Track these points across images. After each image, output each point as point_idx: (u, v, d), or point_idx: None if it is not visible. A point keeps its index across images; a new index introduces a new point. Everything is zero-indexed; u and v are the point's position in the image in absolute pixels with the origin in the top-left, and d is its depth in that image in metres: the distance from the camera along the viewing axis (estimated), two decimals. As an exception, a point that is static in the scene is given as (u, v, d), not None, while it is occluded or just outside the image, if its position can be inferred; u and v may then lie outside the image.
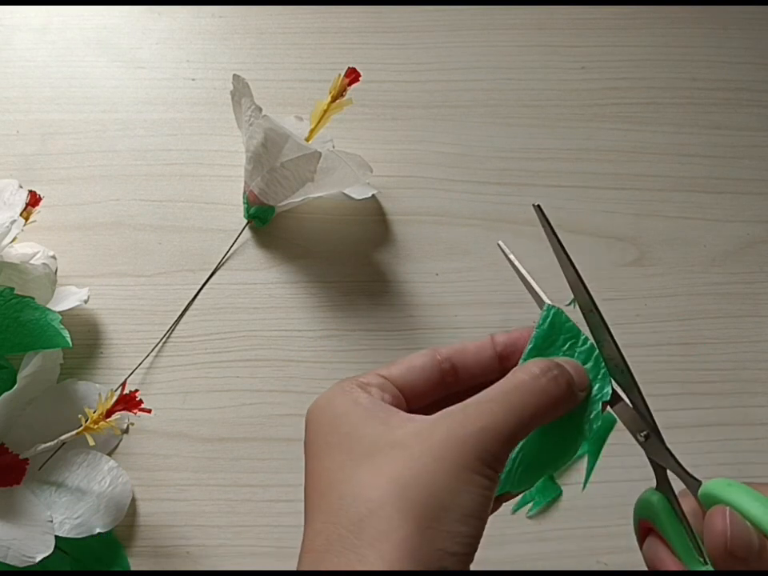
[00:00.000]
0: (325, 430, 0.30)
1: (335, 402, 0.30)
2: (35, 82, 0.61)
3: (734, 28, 0.66)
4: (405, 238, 0.58)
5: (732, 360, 0.56)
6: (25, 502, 0.46)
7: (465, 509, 0.27)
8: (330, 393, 0.31)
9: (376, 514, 0.26)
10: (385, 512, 0.26)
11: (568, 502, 0.52)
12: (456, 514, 0.27)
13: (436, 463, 0.27)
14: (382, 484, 0.27)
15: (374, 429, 0.29)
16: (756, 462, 0.53)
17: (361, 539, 0.26)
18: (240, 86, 0.52)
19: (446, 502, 0.27)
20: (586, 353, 0.33)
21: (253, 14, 0.64)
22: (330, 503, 0.28)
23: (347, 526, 0.27)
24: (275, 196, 0.54)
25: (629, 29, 0.66)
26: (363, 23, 0.65)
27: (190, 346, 0.54)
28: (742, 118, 0.63)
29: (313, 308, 0.55)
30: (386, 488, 0.27)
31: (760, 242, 0.59)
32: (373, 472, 0.28)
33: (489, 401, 0.29)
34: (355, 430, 0.29)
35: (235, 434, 0.52)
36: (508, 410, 0.29)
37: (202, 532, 0.50)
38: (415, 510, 0.26)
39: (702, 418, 0.54)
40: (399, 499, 0.27)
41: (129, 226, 0.57)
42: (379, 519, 0.26)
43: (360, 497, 0.27)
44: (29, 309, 0.48)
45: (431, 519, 0.26)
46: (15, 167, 0.58)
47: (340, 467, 0.28)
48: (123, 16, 0.64)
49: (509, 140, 0.61)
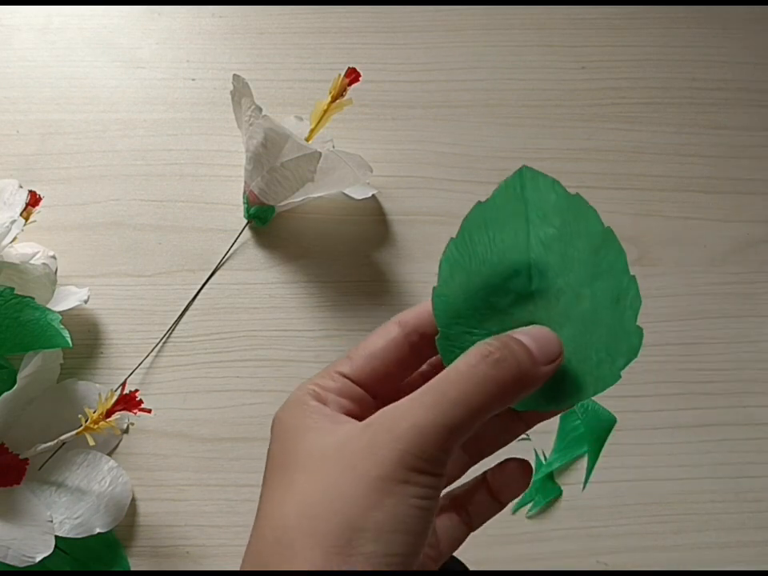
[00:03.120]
0: (275, 445, 0.28)
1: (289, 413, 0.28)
2: (35, 82, 0.61)
3: (734, 28, 0.66)
4: (405, 238, 0.58)
5: (732, 360, 0.56)
6: (25, 501, 0.46)
7: (383, 525, 0.24)
8: (286, 404, 0.29)
9: (280, 542, 0.25)
10: (289, 538, 0.24)
11: (568, 501, 0.52)
12: (370, 533, 0.24)
13: (349, 476, 0.25)
14: (291, 507, 0.25)
15: (309, 443, 0.27)
16: (756, 462, 0.53)
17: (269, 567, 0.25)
18: (240, 85, 0.52)
19: (358, 520, 0.24)
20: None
21: (253, 14, 0.64)
22: (254, 530, 0.26)
23: (262, 552, 0.25)
24: (275, 196, 0.54)
25: (628, 29, 0.66)
26: (363, 23, 0.64)
27: (190, 346, 0.54)
28: (742, 117, 0.63)
29: (313, 308, 0.55)
30: (293, 511, 0.25)
31: (760, 242, 0.59)
32: (286, 493, 0.26)
33: (422, 394, 0.26)
34: (295, 445, 0.27)
35: (235, 433, 0.52)
36: (441, 404, 0.25)
37: (202, 532, 0.50)
38: (320, 533, 0.24)
39: (702, 417, 0.54)
40: (307, 524, 0.24)
41: (129, 225, 0.57)
42: (284, 547, 0.24)
43: (269, 523, 0.26)
44: (29, 309, 0.48)
45: (340, 543, 0.24)
46: (15, 167, 0.58)
47: (269, 489, 0.27)
48: (123, 16, 0.64)
49: (508, 140, 0.61)
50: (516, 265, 0.29)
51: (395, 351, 0.29)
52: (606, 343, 0.28)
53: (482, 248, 0.29)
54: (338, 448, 0.26)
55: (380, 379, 0.29)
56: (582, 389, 0.28)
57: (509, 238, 0.29)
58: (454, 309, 0.29)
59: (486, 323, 0.29)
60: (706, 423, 0.54)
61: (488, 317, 0.29)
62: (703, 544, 0.51)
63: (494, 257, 0.29)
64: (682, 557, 0.51)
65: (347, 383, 0.29)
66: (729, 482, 0.53)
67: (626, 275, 0.29)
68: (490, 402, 0.26)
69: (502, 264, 0.29)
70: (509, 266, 0.29)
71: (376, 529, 0.24)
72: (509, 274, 0.29)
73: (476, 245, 0.29)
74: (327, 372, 0.29)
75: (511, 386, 0.26)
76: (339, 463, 0.25)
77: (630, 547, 0.51)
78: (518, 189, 0.30)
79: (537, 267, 0.29)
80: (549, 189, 0.30)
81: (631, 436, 0.53)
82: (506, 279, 0.29)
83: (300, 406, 0.28)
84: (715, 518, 0.52)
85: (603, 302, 0.29)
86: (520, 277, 0.29)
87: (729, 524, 0.52)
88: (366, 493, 0.24)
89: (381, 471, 0.25)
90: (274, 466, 0.27)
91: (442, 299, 0.29)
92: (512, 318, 0.29)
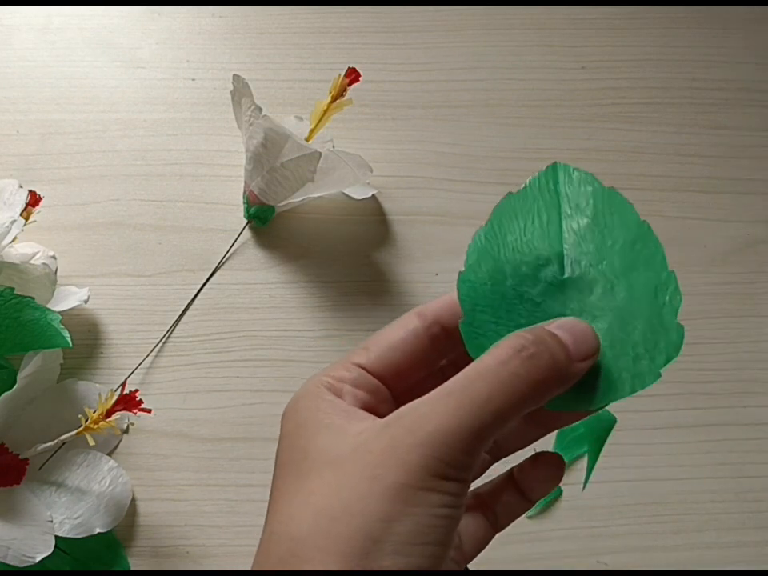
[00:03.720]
0: (285, 445, 0.26)
1: (300, 406, 0.27)
2: (35, 82, 0.61)
3: (734, 28, 0.66)
4: (405, 238, 0.58)
5: (732, 360, 0.56)
6: (25, 501, 0.46)
7: (405, 536, 0.23)
8: (297, 395, 0.27)
9: (297, 555, 0.23)
10: (305, 552, 0.23)
11: (568, 501, 0.52)
12: (391, 545, 0.22)
13: (370, 485, 0.23)
14: (308, 518, 0.24)
15: (323, 442, 0.25)
16: (757, 462, 0.53)
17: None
18: (240, 85, 0.52)
19: (378, 532, 0.23)
20: None
21: (253, 14, 0.64)
22: (264, 538, 0.25)
23: (275, 564, 0.24)
24: (275, 196, 0.54)
25: (628, 29, 0.66)
26: (363, 23, 0.64)
27: (190, 346, 0.54)
28: (742, 117, 0.63)
29: (313, 308, 0.55)
30: (310, 523, 0.23)
31: (760, 242, 0.59)
32: (302, 501, 0.24)
33: (447, 395, 0.24)
34: (308, 443, 0.25)
35: (235, 433, 0.52)
36: (468, 405, 0.23)
37: (202, 532, 0.50)
38: (339, 546, 0.23)
39: (702, 417, 0.54)
40: (322, 536, 0.23)
41: (129, 225, 0.57)
42: (300, 561, 0.23)
43: (285, 533, 0.24)
44: (29, 309, 0.48)
45: (359, 555, 0.22)
46: (15, 167, 0.58)
47: (281, 494, 0.25)
48: (123, 16, 0.64)
49: (508, 140, 0.61)
50: (547, 253, 0.28)
51: (415, 343, 0.28)
52: (645, 339, 0.27)
53: (512, 237, 0.29)
54: (355, 449, 0.24)
55: (398, 372, 0.28)
56: (618, 387, 0.27)
57: (541, 227, 0.29)
58: (480, 296, 0.28)
59: (514, 314, 0.28)
60: (706, 423, 0.54)
61: (516, 307, 0.28)
62: (703, 544, 0.51)
63: (524, 246, 0.29)
64: (682, 557, 0.51)
65: (363, 374, 0.27)
66: (729, 482, 0.53)
67: (665, 269, 0.28)
68: (522, 403, 0.24)
69: (533, 253, 0.28)
70: (540, 255, 0.28)
71: (398, 541, 0.23)
72: (540, 263, 0.28)
73: (506, 233, 0.29)
74: (342, 363, 0.28)
75: (545, 385, 0.25)
76: (357, 467, 0.24)
77: (630, 547, 0.51)
78: (550, 182, 0.29)
79: (570, 256, 0.28)
80: (583, 182, 0.29)
81: (631, 436, 0.53)
82: (537, 268, 0.28)
83: (313, 399, 0.26)
84: (715, 518, 0.52)
85: (641, 295, 0.27)
86: (551, 265, 0.28)
87: (729, 524, 0.52)
88: (386, 502, 0.23)
89: (403, 478, 0.23)
90: (285, 465, 0.26)
91: (467, 284, 0.28)
92: (541, 309, 0.28)
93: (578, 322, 0.27)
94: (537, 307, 0.28)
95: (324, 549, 0.23)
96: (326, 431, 0.25)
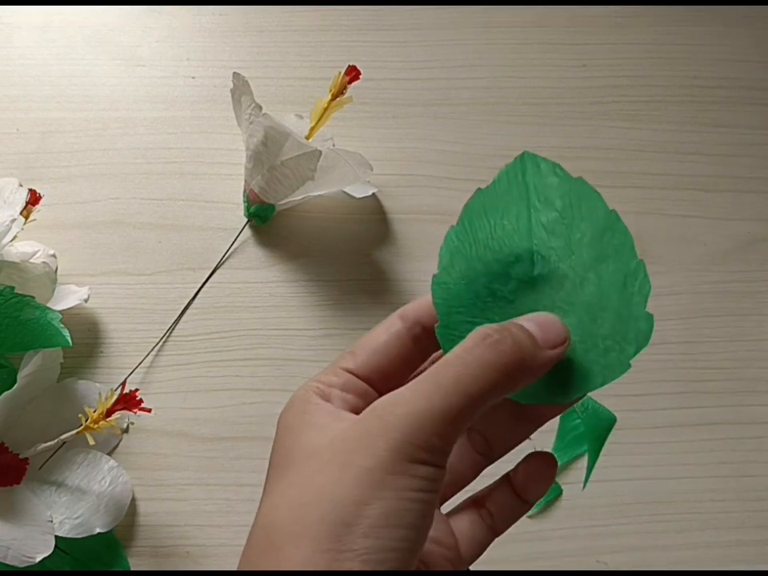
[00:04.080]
0: (276, 444, 0.27)
1: (290, 411, 0.28)
2: (35, 80, 0.61)
3: (736, 26, 0.66)
4: (405, 237, 0.58)
5: (733, 358, 0.56)
6: (25, 501, 0.46)
7: (375, 519, 0.23)
8: (289, 403, 0.28)
9: (273, 543, 0.24)
10: (280, 539, 0.24)
11: (568, 501, 0.52)
12: (362, 528, 0.23)
13: (341, 471, 0.24)
14: (283, 506, 0.24)
15: (305, 440, 0.26)
16: (758, 460, 0.53)
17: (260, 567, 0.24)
18: (240, 83, 0.52)
19: (349, 516, 0.23)
20: None
21: (253, 12, 0.64)
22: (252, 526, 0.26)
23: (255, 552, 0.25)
24: (275, 194, 0.54)
25: (629, 27, 0.66)
26: (363, 21, 0.64)
27: (190, 345, 0.54)
28: (744, 115, 0.63)
29: (313, 306, 0.55)
30: (285, 510, 0.24)
31: (761, 240, 0.59)
32: (281, 493, 0.25)
33: (415, 383, 0.25)
34: (293, 443, 0.26)
35: (235, 433, 0.52)
36: (436, 389, 0.24)
37: (202, 532, 0.50)
38: (311, 531, 0.23)
39: (704, 416, 0.54)
40: (296, 522, 0.24)
41: (129, 224, 0.57)
42: (275, 548, 0.24)
43: (264, 523, 0.25)
44: (29, 308, 0.47)
45: (330, 539, 0.23)
46: (15, 165, 0.58)
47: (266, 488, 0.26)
48: (123, 14, 0.64)
49: (509, 138, 0.61)
50: (518, 250, 0.28)
51: (398, 345, 0.29)
52: (614, 330, 0.27)
53: (483, 234, 0.29)
54: (331, 441, 0.25)
55: (384, 374, 0.29)
56: (589, 379, 0.27)
57: (510, 223, 0.29)
58: (454, 296, 0.28)
59: (488, 312, 0.28)
60: (707, 422, 0.54)
61: (490, 305, 0.28)
62: (704, 543, 0.51)
63: (495, 243, 0.29)
64: (683, 556, 0.51)
65: (351, 378, 0.28)
66: (730, 481, 0.53)
67: (634, 259, 0.28)
68: (489, 388, 0.25)
69: (504, 250, 0.28)
70: (510, 252, 0.28)
71: (368, 524, 0.23)
72: (511, 260, 0.28)
73: (477, 231, 0.29)
74: (331, 368, 0.29)
75: (511, 370, 0.25)
76: (331, 458, 0.24)
77: (631, 547, 0.51)
78: (519, 174, 0.30)
79: (539, 252, 0.28)
80: (550, 172, 0.29)
81: (631, 435, 0.53)
82: (508, 265, 0.28)
83: (302, 404, 0.27)
84: (716, 517, 0.52)
85: (610, 286, 0.28)
86: (522, 263, 0.28)
87: (730, 523, 0.52)
88: (357, 486, 0.23)
89: (374, 462, 0.23)
90: (273, 466, 0.27)
91: (441, 287, 0.29)
92: (514, 306, 0.28)
93: (546, 314, 0.27)
94: (510, 305, 0.28)
95: (297, 534, 0.23)
96: (309, 430, 0.26)
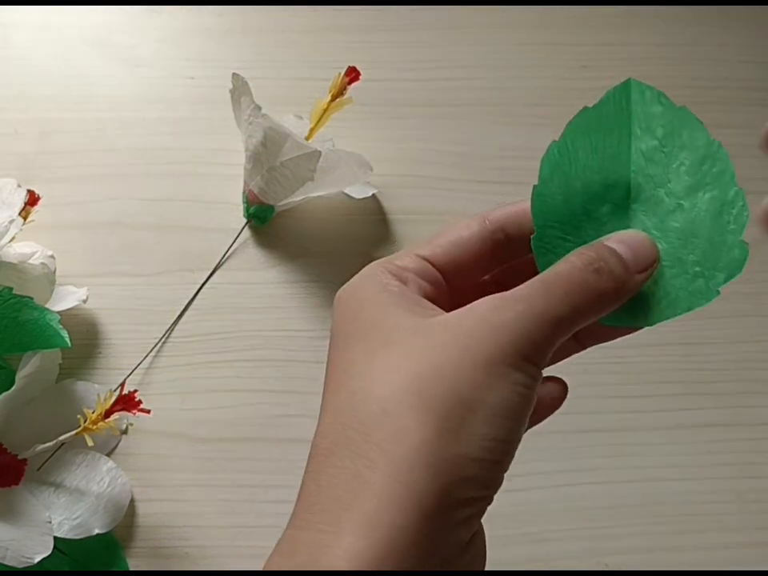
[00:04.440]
0: (348, 317, 0.27)
1: (363, 285, 0.27)
2: (34, 81, 0.61)
3: (736, 26, 0.66)
4: (405, 238, 0.58)
5: (734, 360, 0.56)
6: (23, 502, 0.46)
7: (494, 408, 0.23)
8: (358, 277, 0.28)
9: (389, 414, 0.23)
10: (399, 411, 0.23)
11: (569, 502, 0.51)
12: (483, 414, 0.23)
13: (462, 354, 0.24)
14: (398, 379, 0.24)
15: (398, 316, 0.25)
16: (759, 462, 0.53)
17: (370, 442, 0.23)
18: (239, 84, 0.52)
19: (472, 400, 0.23)
20: None
21: (252, 13, 0.64)
22: (340, 400, 0.25)
23: (356, 426, 0.24)
24: (275, 195, 0.54)
25: (630, 27, 0.66)
26: (363, 21, 0.64)
27: (189, 346, 0.54)
28: (744, 116, 0.63)
29: (313, 307, 0.55)
30: (402, 383, 0.24)
31: (761, 241, 0.59)
32: (389, 365, 0.24)
33: (529, 286, 0.25)
34: (378, 316, 0.26)
35: (235, 434, 0.52)
36: (550, 296, 0.25)
37: (202, 533, 0.49)
38: (434, 409, 0.23)
39: (704, 418, 0.54)
40: (416, 396, 0.23)
41: (128, 225, 0.57)
42: (392, 419, 0.23)
43: (372, 393, 0.24)
44: (27, 309, 0.47)
45: (453, 420, 0.23)
46: (13, 166, 0.58)
47: (355, 360, 0.25)
48: (123, 14, 0.63)
49: (510, 139, 0.61)
50: (615, 175, 0.29)
51: (479, 244, 0.29)
52: (705, 257, 0.28)
53: (583, 154, 0.29)
54: (442, 323, 0.25)
55: (459, 270, 0.28)
56: (676, 304, 0.28)
57: (610, 147, 0.29)
58: (551, 210, 0.28)
59: (581, 231, 0.28)
60: (708, 423, 0.54)
61: (584, 224, 0.28)
62: (704, 545, 0.51)
63: (594, 164, 0.29)
64: (684, 558, 0.51)
65: (427, 266, 0.28)
66: (731, 483, 0.53)
67: (733, 187, 0.28)
68: (589, 308, 0.26)
69: (601, 173, 0.29)
70: (608, 176, 0.29)
71: (490, 412, 0.23)
72: (607, 183, 0.29)
73: (578, 150, 0.29)
74: (405, 253, 0.28)
75: (609, 296, 0.26)
76: (447, 337, 0.24)
77: (632, 548, 0.51)
78: (623, 99, 0.30)
79: (636, 179, 0.29)
80: (655, 101, 0.29)
81: (633, 436, 0.53)
82: (605, 188, 0.29)
83: (377, 280, 0.27)
84: (716, 518, 0.52)
85: (705, 213, 0.28)
86: (618, 188, 0.29)
87: (730, 525, 0.52)
88: (478, 371, 0.23)
89: (495, 352, 0.24)
90: (351, 335, 0.26)
91: (541, 198, 0.29)
92: (607, 229, 0.28)
93: (638, 234, 0.28)
94: (603, 227, 0.28)
95: (418, 409, 0.23)
96: (400, 308, 0.26)
